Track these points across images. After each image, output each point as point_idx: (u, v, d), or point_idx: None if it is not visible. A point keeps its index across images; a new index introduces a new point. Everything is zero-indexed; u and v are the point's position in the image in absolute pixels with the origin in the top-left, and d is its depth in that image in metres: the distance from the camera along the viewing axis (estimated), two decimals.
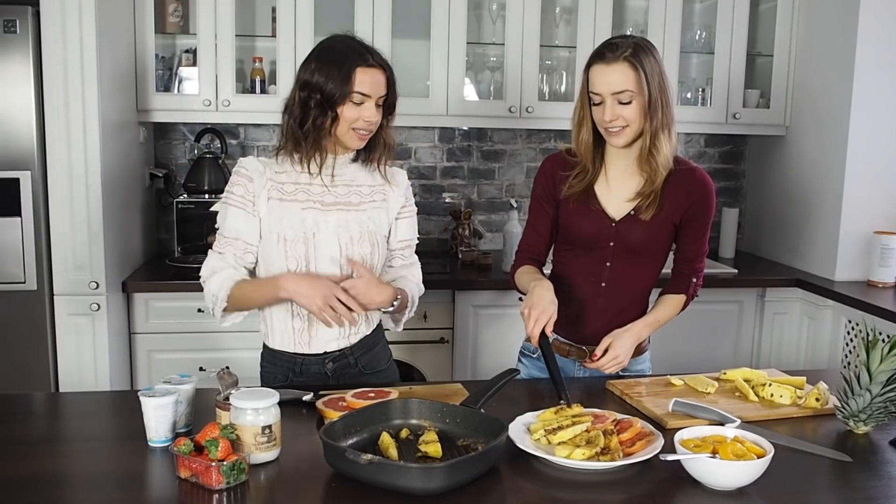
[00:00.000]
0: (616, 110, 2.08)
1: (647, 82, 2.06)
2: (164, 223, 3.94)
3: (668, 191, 2.19)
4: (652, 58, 2.09)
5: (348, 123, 2.07)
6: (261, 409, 1.60)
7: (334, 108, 2.05)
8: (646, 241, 2.21)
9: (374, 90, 2.07)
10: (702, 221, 2.24)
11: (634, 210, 2.20)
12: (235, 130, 3.98)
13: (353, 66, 2.05)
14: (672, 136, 2.14)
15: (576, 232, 2.26)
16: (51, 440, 1.79)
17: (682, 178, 2.20)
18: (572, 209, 2.24)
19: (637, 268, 2.25)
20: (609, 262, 2.24)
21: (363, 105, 2.06)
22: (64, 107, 2.97)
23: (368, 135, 2.12)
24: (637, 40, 2.12)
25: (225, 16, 3.51)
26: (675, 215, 2.22)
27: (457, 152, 4.18)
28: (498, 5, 3.82)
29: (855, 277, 3.67)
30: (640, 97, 2.07)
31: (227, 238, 2.13)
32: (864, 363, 1.82)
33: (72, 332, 3.08)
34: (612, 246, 2.23)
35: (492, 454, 1.58)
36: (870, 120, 3.59)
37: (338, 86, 2.04)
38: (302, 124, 2.08)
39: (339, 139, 2.11)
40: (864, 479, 1.65)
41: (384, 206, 2.23)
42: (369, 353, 2.24)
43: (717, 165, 4.41)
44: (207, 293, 2.13)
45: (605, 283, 2.25)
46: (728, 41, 3.91)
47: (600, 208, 2.22)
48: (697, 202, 2.22)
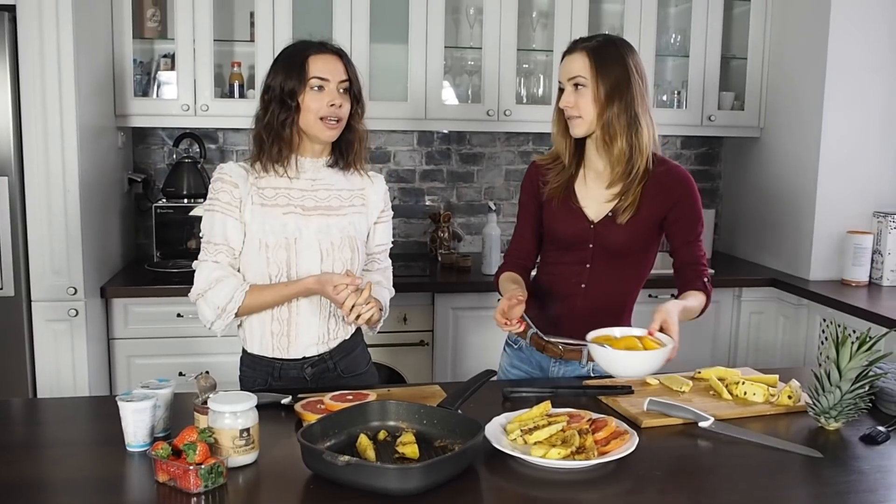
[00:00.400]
0: (571, 97, 2.15)
1: (600, 72, 2.13)
2: (143, 228, 3.93)
3: (646, 193, 2.20)
4: (617, 53, 2.15)
5: (313, 113, 2.07)
6: (239, 413, 1.61)
7: (294, 99, 2.06)
8: (626, 242, 2.22)
9: (331, 74, 2.09)
10: (692, 220, 2.23)
11: (612, 212, 2.22)
12: (214, 135, 3.98)
13: (306, 55, 2.09)
14: (640, 134, 2.16)
15: (557, 232, 2.29)
16: (29, 445, 1.79)
17: (659, 178, 2.22)
18: (554, 209, 2.28)
19: (618, 270, 2.26)
20: (589, 264, 2.26)
21: (324, 91, 2.08)
22: (41, 112, 2.96)
23: (339, 124, 2.11)
24: (612, 37, 2.21)
25: (203, 20, 3.51)
26: (656, 216, 2.22)
27: (436, 155, 4.19)
28: (475, 9, 3.85)
29: (829, 277, 3.72)
30: (591, 85, 2.13)
31: (216, 245, 2.11)
32: (833, 361, 1.85)
33: (50, 338, 3.07)
34: (592, 248, 2.25)
35: (468, 454, 1.60)
36: (842, 121, 3.64)
37: (294, 76, 2.06)
38: (266, 125, 2.09)
39: (307, 131, 2.11)
40: (834, 474, 1.68)
41: (363, 211, 2.24)
42: (348, 356, 2.25)
43: (693, 167, 4.45)
44: (209, 306, 2.09)
45: (585, 284, 2.26)
46: (702, 44, 3.95)
47: (579, 208, 2.25)
48: (682, 201, 2.22)
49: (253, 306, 2.10)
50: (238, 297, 2.07)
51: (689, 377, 2.19)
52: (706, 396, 2.07)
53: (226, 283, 2.08)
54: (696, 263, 2.25)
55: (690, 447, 1.80)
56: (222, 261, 2.11)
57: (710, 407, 1.97)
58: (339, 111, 2.10)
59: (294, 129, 2.10)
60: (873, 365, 1.86)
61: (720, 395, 2.06)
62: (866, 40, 3.60)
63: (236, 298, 2.07)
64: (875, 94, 3.65)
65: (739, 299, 3.81)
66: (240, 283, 2.09)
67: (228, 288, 2.08)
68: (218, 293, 2.08)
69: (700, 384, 2.15)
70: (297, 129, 2.11)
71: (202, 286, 2.10)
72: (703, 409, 1.92)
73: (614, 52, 2.16)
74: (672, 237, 2.26)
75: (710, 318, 3.79)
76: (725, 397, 2.05)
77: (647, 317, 3.10)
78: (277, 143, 2.10)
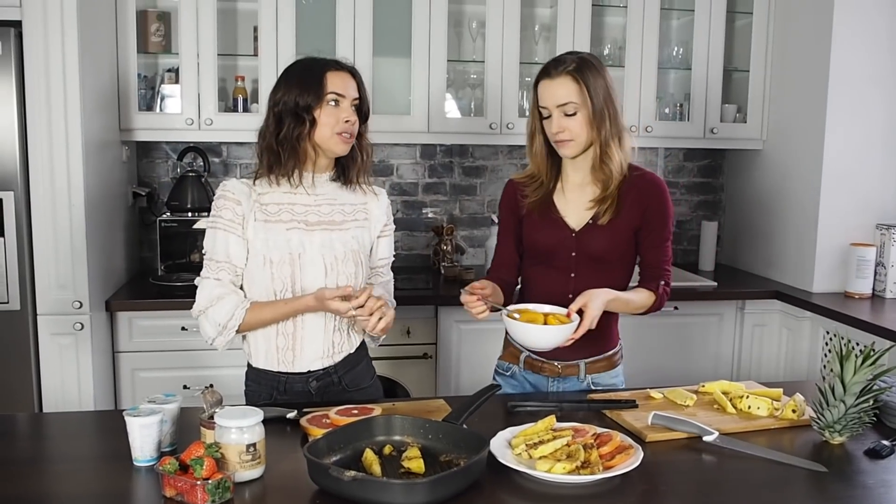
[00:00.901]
0: (562, 122, 2.17)
1: (590, 94, 2.15)
2: (148, 241, 3.94)
3: (623, 196, 2.25)
4: (596, 71, 2.18)
5: (329, 128, 2.10)
6: (245, 428, 1.62)
7: (310, 113, 2.08)
8: (607, 247, 2.25)
9: (346, 91, 2.12)
10: (660, 225, 2.27)
11: (593, 218, 2.25)
12: (218, 149, 3.99)
13: (324, 70, 2.12)
14: (624, 145, 2.23)
15: (538, 244, 2.31)
16: (35, 461, 1.79)
17: (634, 183, 2.26)
18: (535, 221, 2.31)
19: (602, 278, 2.25)
20: (573, 274, 2.27)
21: (340, 106, 2.10)
22: (47, 127, 2.97)
23: (351, 139, 2.14)
24: (583, 55, 2.22)
25: (207, 35, 3.53)
26: (634, 220, 2.26)
27: (438, 168, 4.21)
28: (478, 23, 3.86)
29: (832, 289, 3.72)
30: (584, 109, 2.16)
31: (218, 262, 2.13)
32: (838, 375, 1.85)
33: (55, 352, 3.08)
34: (575, 256, 2.27)
35: (474, 469, 1.60)
36: (844, 133, 3.64)
37: (311, 91, 2.08)
38: (278, 138, 2.10)
39: (322, 146, 2.13)
40: (839, 488, 1.68)
41: (366, 225, 2.25)
42: (353, 370, 2.26)
43: (695, 179, 4.46)
44: (210, 323, 2.10)
45: (573, 295, 2.22)
46: (705, 57, 3.97)
47: (560, 218, 2.29)
48: (653, 205, 2.26)
49: (253, 323, 2.12)
50: (238, 314, 2.09)
51: (693, 391, 2.19)
52: (710, 410, 2.07)
53: (227, 301, 2.10)
54: (657, 267, 2.30)
55: (695, 461, 1.80)
56: (224, 278, 2.13)
57: (715, 421, 1.97)
58: (353, 127, 2.14)
59: (308, 142, 2.12)
60: (877, 379, 1.86)
61: (724, 409, 2.07)
62: (868, 52, 3.61)
63: (237, 316, 2.09)
64: (877, 106, 3.66)
65: (742, 312, 3.81)
66: (241, 300, 2.11)
67: (229, 306, 2.09)
68: (219, 311, 2.09)
69: (704, 398, 2.16)
70: (312, 143, 2.12)
71: (204, 303, 2.12)
72: (708, 424, 1.92)
73: (594, 69, 2.19)
74: (641, 240, 2.29)
75: (712, 330, 3.79)
76: (729, 411, 2.05)
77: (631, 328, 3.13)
78: (293, 157, 2.12)
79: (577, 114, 2.16)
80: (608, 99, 2.19)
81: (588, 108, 2.16)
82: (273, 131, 2.12)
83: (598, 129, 2.17)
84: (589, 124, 2.17)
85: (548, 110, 2.19)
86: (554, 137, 2.20)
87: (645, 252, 2.30)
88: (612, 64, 4.02)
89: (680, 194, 4.45)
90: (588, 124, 2.17)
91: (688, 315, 3.75)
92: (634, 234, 2.28)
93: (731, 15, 4.02)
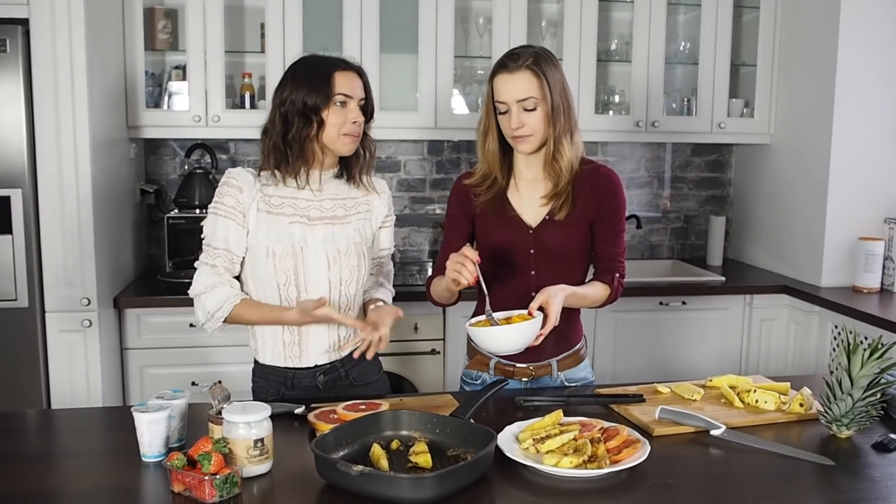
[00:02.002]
0: (521, 118, 2.13)
1: (549, 89, 2.12)
2: (156, 238, 3.95)
3: (577, 190, 2.23)
4: (552, 66, 2.15)
5: (337, 128, 2.10)
6: (253, 423, 1.62)
7: (318, 114, 2.09)
8: (565, 242, 2.24)
9: (354, 92, 2.12)
10: (613, 217, 2.26)
11: (549, 214, 2.23)
12: (225, 145, 4.00)
13: (332, 70, 2.11)
14: (575, 140, 2.20)
15: (495, 241, 2.27)
16: (44, 457, 1.80)
17: (588, 176, 2.24)
18: (489, 219, 2.27)
19: (562, 273, 2.23)
20: (534, 271, 2.25)
21: (347, 107, 2.11)
22: (54, 124, 2.99)
23: (357, 139, 2.15)
24: (537, 50, 2.17)
25: (214, 32, 3.54)
26: (589, 213, 2.24)
27: (446, 164, 4.21)
28: (484, 19, 3.86)
29: (841, 283, 3.72)
30: (543, 104, 2.13)
31: (216, 248, 2.14)
32: (845, 368, 1.85)
33: (64, 349, 3.09)
34: (533, 253, 2.24)
35: (481, 464, 1.61)
36: (852, 127, 3.63)
37: (319, 92, 2.08)
38: (285, 138, 2.11)
39: (329, 146, 2.13)
40: (847, 482, 1.68)
41: (368, 217, 2.26)
42: (360, 365, 2.26)
43: (703, 174, 4.45)
44: (201, 309, 2.13)
45: (535, 293, 2.18)
46: (712, 52, 3.96)
47: (516, 215, 2.26)
48: (606, 197, 2.24)
49: (238, 319, 2.14)
50: (227, 307, 2.11)
51: (701, 385, 2.19)
52: (717, 404, 2.07)
53: (219, 291, 2.12)
54: (612, 259, 2.28)
55: (702, 455, 1.80)
56: (219, 265, 2.14)
57: (722, 415, 1.97)
58: (359, 128, 2.14)
59: (316, 143, 2.12)
60: (885, 372, 1.86)
61: (731, 403, 2.06)
62: (875, 47, 3.60)
63: (225, 308, 2.11)
64: (884, 100, 3.64)
65: (750, 306, 3.80)
66: (232, 294, 2.12)
67: (220, 296, 2.11)
68: (211, 299, 2.12)
69: (711, 392, 2.16)
70: (320, 143, 2.13)
71: (198, 288, 2.14)
72: (715, 418, 1.92)
73: (551, 64, 2.16)
74: (595, 233, 2.27)
75: (720, 325, 3.79)
76: (737, 405, 2.05)
77: (639, 324, 3.11)
78: (301, 157, 2.13)
79: (536, 108, 2.13)
80: (563, 94, 2.16)
81: (547, 103, 2.13)
82: (280, 131, 2.12)
83: (553, 125, 2.15)
84: (547, 120, 2.14)
85: (506, 105, 2.15)
86: (512, 133, 2.16)
87: (599, 244, 2.28)
88: (619, 59, 4.02)
89: (688, 189, 4.44)
90: (546, 120, 2.14)
91: (696, 310, 3.75)
92: (590, 227, 2.26)
93: (738, 9, 4.02)
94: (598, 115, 3.94)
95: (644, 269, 4.16)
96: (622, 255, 2.30)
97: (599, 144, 4.27)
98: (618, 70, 4.08)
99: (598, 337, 3.67)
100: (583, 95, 3.83)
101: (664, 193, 4.42)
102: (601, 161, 2.67)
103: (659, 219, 4.44)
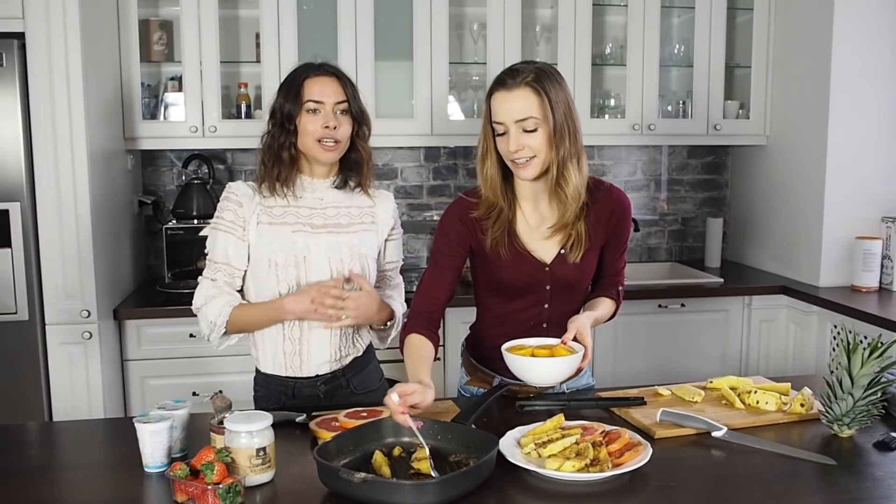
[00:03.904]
0: (521, 139, 1.96)
1: (551, 108, 1.94)
2: (154, 249, 3.95)
3: (590, 222, 2.11)
4: (556, 83, 1.97)
5: (311, 136, 2.11)
6: (255, 432, 1.63)
7: (292, 122, 2.10)
8: (581, 276, 2.17)
9: (325, 97, 2.11)
10: (621, 240, 2.22)
11: (562, 250, 2.11)
12: (223, 155, 4.01)
13: (303, 78, 2.13)
14: (582, 166, 2.04)
15: (506, 280, 2.13)
16: (46, 469, 1.80)
17: (601, 204, 2.13)
18: (501, 259, 2.10)
19: (573, 300, 2.20)
20: (547, 304, 2.17)
21: (319, 113, 2.11)
22: (52, 137, 2.99)
23: (337, 146, 2.13)
24: (540, 65, 2.00)
25: (209, 42, 3.55)
26: (600, 240, 2.17)
27: (442, 171, 4.21)
28: (479, 25, 3.87)
29: (839, 283, 3.72)
30: (545, 124, 1.95)
31: (217, 263, 2.16)
32: (845, 368, 1.85)
33: (64, 361, 3.09)
34: (549, 289, 2.15)
35: (483, 469, 1.61)
36: (847, 127, 3.64)
37: (291, 99, 2.11)
38: (268, 148, 2.14)
39: (308, 154, 2.15)
40: (849, 481, 1.68)
41: (373, 229, 2.26)
42: (361, 373, 2.27)
43: (700, 176, 4.46)
44: (204, 320, 2.15)
45: (547, 324, 2.17)
46: (706, 54, 3.97)
47: (528, 252, 2.11)
48: (619, 223, 2.18)
49: (240, 323, 2.15)
50: (226, 311, 2.12)
51: (701, 387, 2.19)
52: (718, 406, 2.07)
53: (217, 301, 2.14)
54: (616, 273, 2.27)
55: (704, 457, 1.80)
56: (219, 279, 2.16)
57: (723, 416, 1.97)
58: (336, 133, 2.11)
59: (294, 151, 2.14)
60: (885, 371, 1.86)
61: (732, 404, 2.07)
62: (869, 46, 3.61)
63: (224, 312, 2.13)
64: (879, 99, 3.65)
65: (749, 307, 3.81)
66: (230, 300, 2.14)
67: (219, 303, 2.13)
68: (211, 308, 2.13)
69: (712, 394, 2.16)
70: (298, 151, 2.14)
71: (199, 301, 2.17)
72: (716, 419, 1.92)
73: (554, 81, 1.97)
74: (604, 252, 2.22)
75: (719, 326, 3.79)
76: (738, 406, 2.05)
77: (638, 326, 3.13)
78: (278, 165, 2.14)
79: (537, 130, 1.95)
80: (568, 114, 1.98)
81: (549, 124, 1.94)
82: (267, 141, 2.16)
83: (556, 148, 1.96)
84: (549, 142, 1.96)
85: (504, 126, 1.97)
86: (511, 157, 1.98)
87: (606, 262, 2.24)
88: (613, 63, 4.03)
89: (684, 191, 4.45)
90: (548, 142, 1.96)
91: (695, 312, 3.76)
92: (601, 250, 2.20)
93: (731, 11, 4.02)
94: (594, 120, 3.95)
95: (642, 272, 4.16)
96: (623, 269, 2.30)
97: (596, 148, 4.28)
98: (613, 74, 4.09)
99: (598, 341, 3.67)
100: (578, 100, 3.80)
101: (661, 196, 4.43)
102: (597, 165, 2.67)
103: (656, 221, 4.44)
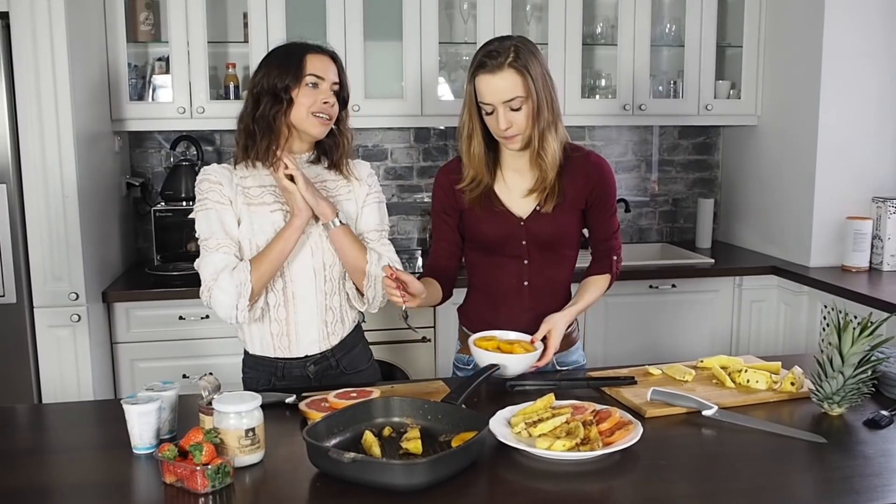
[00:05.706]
0: (509, 117, 2.07)
1: (533, 85, 2.05)
2: (143, 232, 3.93)
3: (566, 180, 2.21)
4: (534, 58, 2.08)
5: (306, 108, 2.08)
6: (244, 413, 1.62)
7: (288, 93, 2.07)
8: (556, 232, 2.24)
9: (326, 74, 2.11)
10: (606, 203, 2.27)
11: (538, 206, 2.22)
12: (211, 137, 3.98)
13: (304, 53, 2.12)
14: (559, 131, 2.15)
15: (486, 236, 2.26)
16: (35, 451, 1.79)
17: (577, 165, 2.23)
18: (478, 215, 2.24)
19: (554, 261, 2.26)
20: (526, 260, 2.25)
21: (319, 88, 2.09)
22: (37, 118, 2.96)
23: (329, 121, 2.12)
24: (516, 42, 2.09)
25: (196, 23, 3.51)
26: (579, 202, 2.24)
27: (433, 152, 4.19)
28: (469, 4, 3.84)
29: (829, 263, 3.73)
30: (528, 102, 2.07)
31: (214, 239, 2.08)
32: (836, 346, 1.85)
33: (53, 344, 3.08)
34: (525, 244, 2.24)
35: (473, 448, 1.60)
36: (839, 107, 3.64)
37: (290, 73, 2.08)
38: (258, 118, 2.09)
39: (298, 126, 2.11)
40: (839, 458, 1.68)
41: (351, 198, 2.24)
42: (350, 353, 2.26)
43: (691, 157, 4.45)
44: (224, 290, 2.03)
45: (528, 281, 2.25)
46: (698, 33, 3.95)
47: (505, 209, 2.23)
48: (597, 186, 2.24)
49: (262, 275, 2.05)
50: (245, 274, 2.03)
51: (692, 366, 2.19)
52: (709, 385, 2.07)
53: (230, 269, 2.05)
54: (607, 239, 2.31)
55: (694, 436, 1.80)
56: (228, 251, 2.08)
57: (714, 395, 1.98)
58: (331, 110, 2.12)
59: (284, 122, 2.11)
60: (875, 350, 1.87)
61: (723, 383, 2.07)
62: (860, 26, 3.60)
63: (245, 271, 2.04)
64: (871, 79, 3.65)
65: (740, 288, 3.81)
66: (245, 264, 2.06)
67: (237, 271, 2.04)
68: (226, 280, 2.03)
69: (703, 373, 2.16)
70: (288, 123, 2.11)
71: (210, 277, 2.06)
72: (707, 398, 1.92)
73: (531, 55, 2.08)
74: (589, 216, 2.28)
75: (710, 307, 3.80)
76: (728, 385, 2.05)
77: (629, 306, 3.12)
78: (268, 135, 2.09)
79: (521, 108, 2.07)
80: (545, 85, 2.10)
81: (532, 100, 2.07)
82: (250, 112, 2.11)
83: (537, 121, 2.09)
84: (531, 117, 2.08)
85: (492, 106, 2.08)
86: (502, 133, 2.10)
87: (593, 226, 2.30)
88: (604, 42, 4.01)
89: (675, 172, 4.44)
90: (531, 117, 2.08)
91: (686, 292, 3.76)
92: (581, 214, 2.27)
93: None
94: (585, 100, 3.93)
95: (633, 253, 4.15)
96: (616, 232, 2.32)
97: (586, 129, 4.27)
98: (603, 54, 4.07)
99: (589, 321, 3.67)
100: (569, 80, 3.82)
101: (652, 177, 4.42)
102: (588, 146, 2.68)
103: (647, 202, 4.44)
